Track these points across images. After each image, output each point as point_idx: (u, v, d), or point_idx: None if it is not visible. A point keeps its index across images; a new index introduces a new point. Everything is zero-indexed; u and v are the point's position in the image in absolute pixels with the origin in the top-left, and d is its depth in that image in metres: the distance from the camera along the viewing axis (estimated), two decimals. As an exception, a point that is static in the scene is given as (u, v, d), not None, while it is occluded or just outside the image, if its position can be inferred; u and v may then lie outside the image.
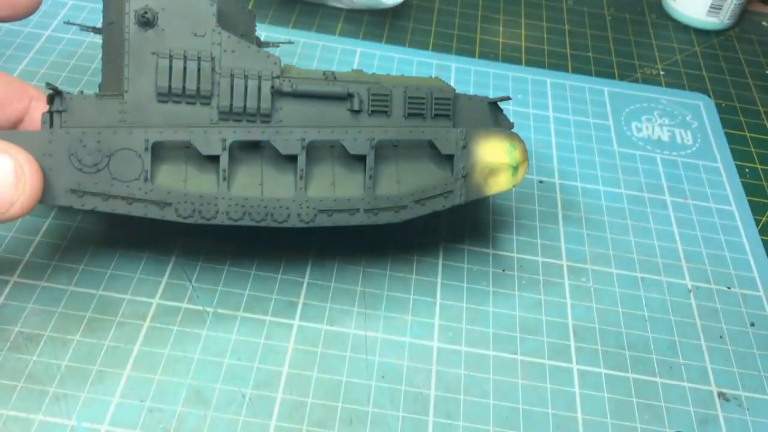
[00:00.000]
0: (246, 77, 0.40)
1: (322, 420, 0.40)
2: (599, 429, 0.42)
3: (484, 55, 0.68)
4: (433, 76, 0.47)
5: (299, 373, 0.42)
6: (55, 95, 0.39)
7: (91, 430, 0.38)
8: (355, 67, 0.63)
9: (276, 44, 0.47)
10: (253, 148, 0.41)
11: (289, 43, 0.49)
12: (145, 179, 0.39)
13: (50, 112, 0.39)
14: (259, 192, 0.40)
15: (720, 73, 0.70)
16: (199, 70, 0.40)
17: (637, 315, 0.48)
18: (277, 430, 0.39)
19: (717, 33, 0.75)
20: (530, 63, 0.68)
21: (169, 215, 0.39)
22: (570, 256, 0.51)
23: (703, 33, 0.75)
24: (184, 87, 0.40)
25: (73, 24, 0.44)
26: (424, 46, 0.68)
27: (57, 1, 0.64)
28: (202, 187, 0.40)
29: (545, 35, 0.72)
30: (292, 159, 0.41)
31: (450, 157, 0.43)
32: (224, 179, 0.40)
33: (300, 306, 0.45)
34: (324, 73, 0.43)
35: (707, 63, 0.71)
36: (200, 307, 0.44)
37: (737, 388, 0.45)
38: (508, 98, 0.46)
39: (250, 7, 0.69)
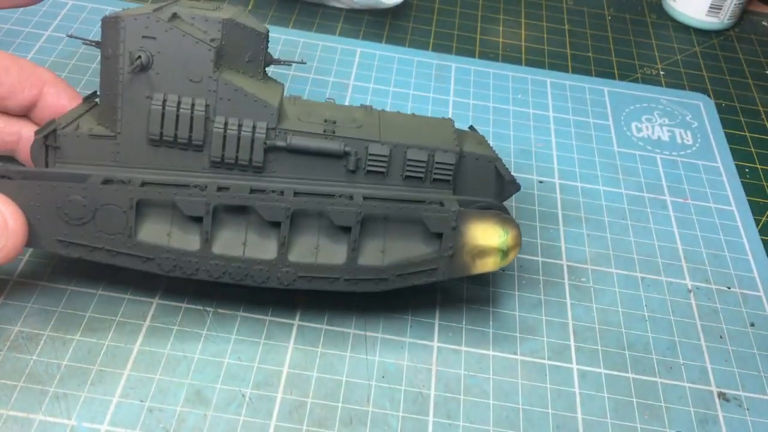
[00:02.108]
0: (240, 127, 0.40)
1: (322, 420, 0.40)
2: (599, 429, 0.42)
3: (484, 55, 0.68)
4: (446, 117, 0.46)
5: (299, 373, 0.42)
6: (50, 133, 0.40)
7: (91, 430, 0.38)
8: (354, 68, 0.63)
9: (287, 62, 0.46)
10: (239, 208, 0.41)
11: (302, 63, 0.48)
12: (129, 235, 0.39)
13: (45, 146, 0.40)
14: (241, 252, 0.40)
15: (720, 73, 0.70)
16: (191, 118, 0.40)
17: (637, 315, 0.48)
18: (277, 430, 0.39)
19: (717, 33, 0.75)
20: (530, 63, 0.68)
21: (152, 268, 0.40)
22: (570, 256, 0.51)
23: (703, 33, 0.75)
24: (176, 134, 0.40)
25: (76, 38, 0.44)
26: (424, 46, 0.68)
27: (57, 1, 0.64)
28: (185, 244, 0.40)
29: (545, 35, 0.72)
30: (277, 223, 0.40)
31: (439, 234, 0.42)
32: (206, 240, 0.40)
33: (300, 306, 0.45)
34: (325, 121, 0.42)
35: (707, 63, 0.71)
36: (200, 307, 0.44)
37: (737, 388, 0.45)
38: (514, 181, 0.44)
39: (249, 7, 0.69)
